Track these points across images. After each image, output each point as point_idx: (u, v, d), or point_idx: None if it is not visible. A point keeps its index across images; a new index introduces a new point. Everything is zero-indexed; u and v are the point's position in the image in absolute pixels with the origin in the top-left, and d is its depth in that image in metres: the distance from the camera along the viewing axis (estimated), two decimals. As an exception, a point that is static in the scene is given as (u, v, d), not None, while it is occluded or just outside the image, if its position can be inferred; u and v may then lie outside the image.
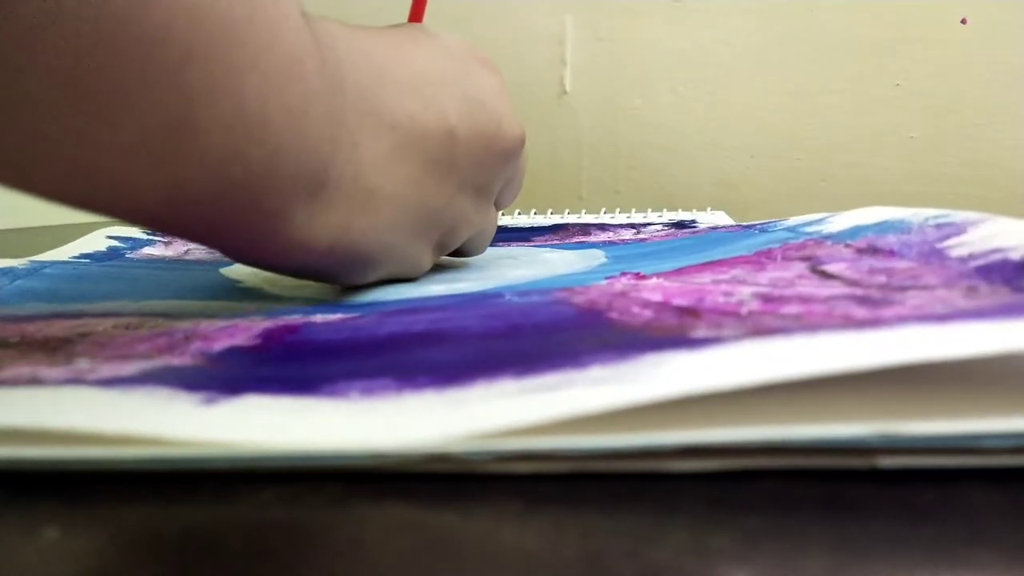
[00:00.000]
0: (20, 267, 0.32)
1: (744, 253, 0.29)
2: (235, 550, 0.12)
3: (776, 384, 0.13)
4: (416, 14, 0.31)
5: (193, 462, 0.14)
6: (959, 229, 0.24)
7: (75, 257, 0.36)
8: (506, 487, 0.13)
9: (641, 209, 0.54)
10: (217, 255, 0.39)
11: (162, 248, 0.41)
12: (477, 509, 0.13)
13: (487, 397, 0.14)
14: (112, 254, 0.38)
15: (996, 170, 0.55)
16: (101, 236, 0.41)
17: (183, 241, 0.43)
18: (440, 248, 0.29)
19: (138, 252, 0.40)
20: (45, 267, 0.32)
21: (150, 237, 0.43)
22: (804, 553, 0.11)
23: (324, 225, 0.22)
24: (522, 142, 0.28)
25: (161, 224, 0.20)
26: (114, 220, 0.21)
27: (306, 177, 0.21)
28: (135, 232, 0.44)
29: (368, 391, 0.15)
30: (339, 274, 0.25)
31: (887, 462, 0.13)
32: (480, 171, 0.27)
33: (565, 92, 0.64)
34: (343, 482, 0.13)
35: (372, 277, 0.26)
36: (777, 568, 0.11)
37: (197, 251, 0.41)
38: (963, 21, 0.55)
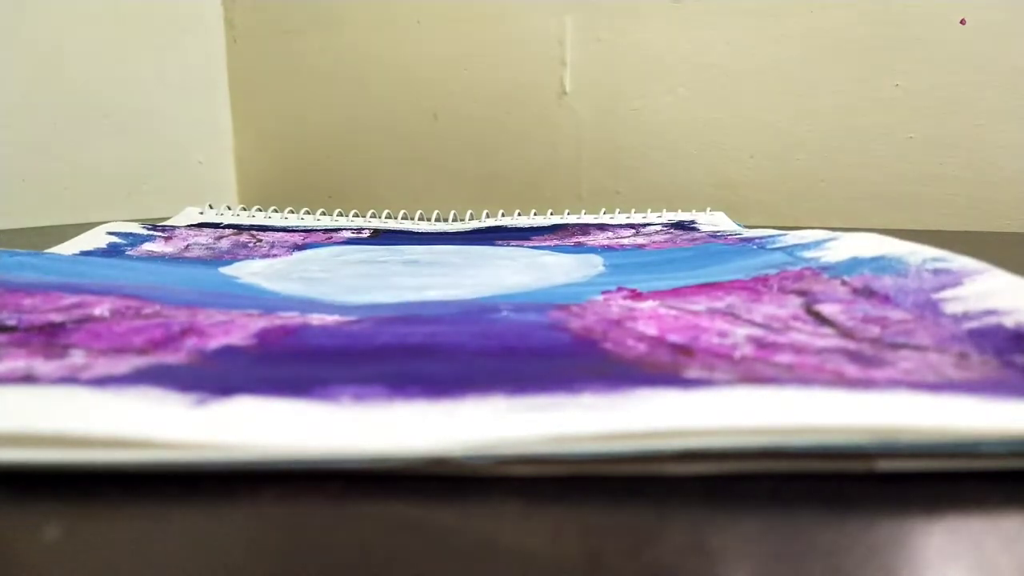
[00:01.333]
0: (22, 252, 0.32)
1: (741, 277, 0.29)
2: (235, 550, 0.12)
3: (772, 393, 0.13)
4: None
5: (181, 466, 0.13)
6: (956, 279, 0.24)
7: (75, 255, 0.36)
8: (506, 487, 0.13)
9: (641, 209, 0.54)
10: (215, 253, 0.39)
11: (162, 244, 0.41)
12: (477, 509, 0.13)
13: (478, 411, 0.14)
14: (112, 251, 0.38)
15: (996, 170, 0.55)
16: (101, 232, 0.41)
17: (182, 236, 0.43)
18: None
19: (138, 248, 0.40)
20: (46, 253, 0.32)
21: (150, 233, 0.43)
22: (804, 553, 0.11)
23: None
24: None
25: None
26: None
27: None
28: (135, 228, 0.44)
29: (360, 397, 0.15)
30: None
31: (885, 465, 0.13)
32: None
33: (565, 92, 0.64)
34: (343, 482, 0.13)
35: None
36: (777, 568, 0.11)
37: (196, 248, 0.41)
38: (962, 21, 0.55)
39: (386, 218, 0.53)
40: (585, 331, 0.21)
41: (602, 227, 0.49)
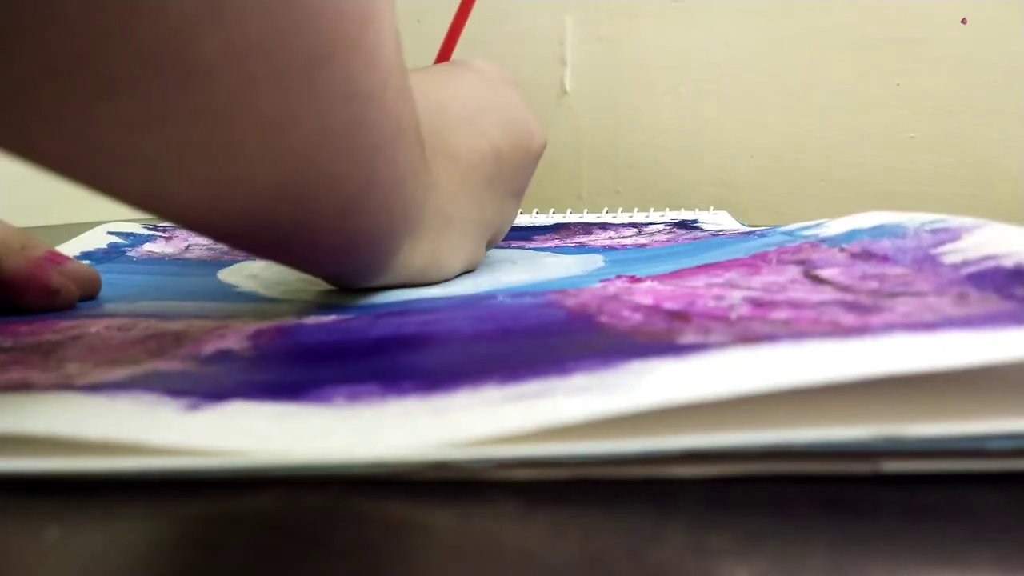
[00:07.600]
0: None
1: (740, 256, 0.29)
2: (235, 550, 0.12)
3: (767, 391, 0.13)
4: (445, 54, 0.34)
5: (172, 473, 0.13)
6: (954, 235, 0.24)
7: (76, 256, 0.36)
8: (506, 488, 0.13)
9: (643, 208, 0.54)
10: (216, 254, 0.39)
11: (163, 244, 0.41)
12: (477, 510, 0.13)
13: (470, 405, 0.14)
14: (113, 251, 0.38)
15: (996, 170, 0.55)
16: (102, 232, 0.41)
17: (183, 236, 0.43)
18: (489, 244, 0.33)
19: (139, 249, 0.40)
20: None
21: (151, 233, 0.43)
22: (804, 553, 0.11)
23: (421, 253, 0.26)
24: (546, 143, 0.33)
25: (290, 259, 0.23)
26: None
27: (410, 219, 0.24)
28: (136, 228, 0.44)
29: (353, 397, 0.15)
30: (426, 283, 0.29)
31: (891, 467, 0.13)
32: (520, 177, 0.32)
33: (565, 92, 0.64)
34: (343, 482, 0.13)
35: (448, 279, 0.30)
36: (777, 568, 0.11)
37: (197, 248, 0.41)
38: (963, 21, 0.55)
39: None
40: (580, 306, 0.21)
41: (604, 226, 0.49)
